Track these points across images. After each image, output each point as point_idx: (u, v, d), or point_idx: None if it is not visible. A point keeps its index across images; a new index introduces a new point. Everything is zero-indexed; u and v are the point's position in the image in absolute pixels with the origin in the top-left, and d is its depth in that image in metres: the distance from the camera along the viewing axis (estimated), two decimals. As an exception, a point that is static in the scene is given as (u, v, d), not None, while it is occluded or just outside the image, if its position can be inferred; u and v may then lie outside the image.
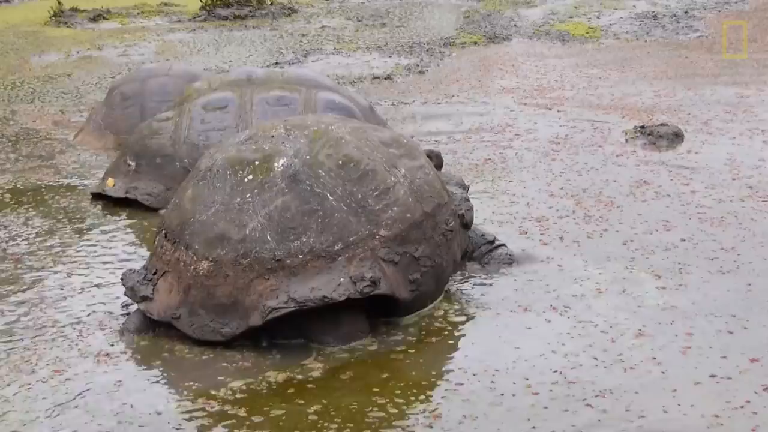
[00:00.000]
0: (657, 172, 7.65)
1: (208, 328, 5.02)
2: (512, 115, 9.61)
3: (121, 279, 5.37)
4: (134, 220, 7.02)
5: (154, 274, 5.26)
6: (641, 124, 8.79)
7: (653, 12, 15.70)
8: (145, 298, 5.21)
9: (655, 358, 4.73)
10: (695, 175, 7.54)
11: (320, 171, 5.15)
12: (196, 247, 5.09)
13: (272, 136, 5.33)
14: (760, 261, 5.85)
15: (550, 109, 9.77)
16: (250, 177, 5.13)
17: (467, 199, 5.96)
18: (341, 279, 4.96)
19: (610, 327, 5.08)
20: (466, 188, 6.13)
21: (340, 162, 5.20)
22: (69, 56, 13.41)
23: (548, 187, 7.41)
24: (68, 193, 7.57)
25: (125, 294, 5.33)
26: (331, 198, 5.09)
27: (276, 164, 5.15)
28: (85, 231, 6.80)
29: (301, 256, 4.98)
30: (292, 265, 4.96)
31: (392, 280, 5.11)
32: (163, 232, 5.33)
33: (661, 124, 8.71)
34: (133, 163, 7.38)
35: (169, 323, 5.15)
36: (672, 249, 6.07)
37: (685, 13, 15.58)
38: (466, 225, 5.88)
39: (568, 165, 7.93)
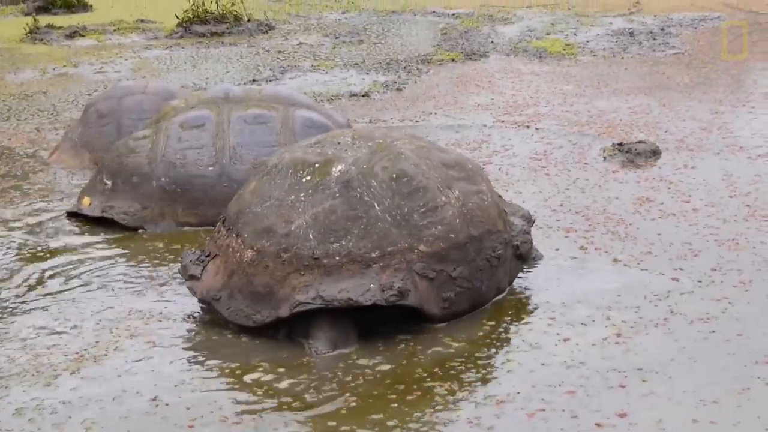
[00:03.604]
0: (654, 189, 7.67)
1: (242, 312, 5.32)
2: (489, 132, 9.63)
3: (181, 257, 5.80)
4: (110, 240, 6.97)
5: (207, 256, 5.63)
6: (619, 142, 8.81)
7: (630, 29, 15.79)
8: (192, 277, 5.60)
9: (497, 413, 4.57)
10: (678, 192, 7.57)
11: (373, 181, 5.37)
12: (245, 235, 5.39)
13: (338, 143, 5.64)
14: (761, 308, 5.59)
15: (528, 127, 9.79)
16: (308, 178, 5.40)
17: (527, 232, 6.04)
18: (371, 285, 5.16)
19: (505, 375, 4.89)
20: (531, 222, 6.24)
21: (394, 175, 5.42)
22: (45, 73, 13.36)
23: (546, 203, 7.43)
24: (44, 213, 7.51)
25: (179, 271, 5.71)
26: (377, 208, 5.31)
27: (334, 169, 5.41)
28: (60, 251, 6.74)
29: (337, 258, 5.20)
30: (328, 265, 5.20)
31: (423, 295, 5.28)
32: (223, 218, 5.67)
33: (639, 142, 8.74)
34: (109, 182, 7.33)
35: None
36: (709, 285, 5.85)
37: (662, 30, 15.68)
38: (521, 256, 5.94)
39: (556, 181, 7.96)
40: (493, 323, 5.47)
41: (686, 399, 4.60)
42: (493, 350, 5.17)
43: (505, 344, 5.24)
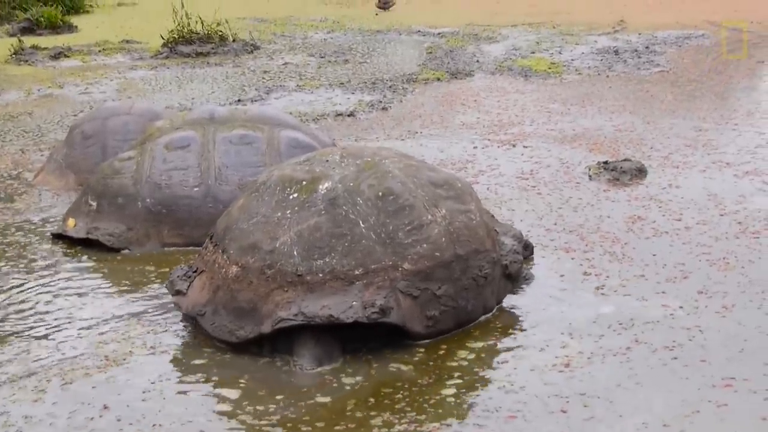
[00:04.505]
0: (645, 208, 7.66)
1: (225, 328, 5.33)
2: (475, 151, 9.63)
3: (170, 272, 5.87)
4: (95, 261, 6.94)
5: (194, 271, 5.66)
6: (604, 160, 8.83)
7: (615, 47, 15.82)
8: (178, 293, 5.64)
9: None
10: (670, 210, 7.58)
11: (359, 199, 5.39)
12: (231, 251, 5.41)
13: (326, 161, 5.67)
14: (730, 337, 5.44)
15: (514, 146, 9.79)
16: (295, 195, 5.43)
17: (517, 252, 6.05)
18: (353, 302, 5.15)
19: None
20: (521, 242, 6.29)
21: (380, 193, 5.43)
22: (30, 94, 13.31)
23: (539, 222, 7.42)
24: (29, 235, 7.48)
25: (166, 286, 5.84)
26: (362, 225, 5.32)
27: (320, 186, 5.44)
28: (45, 272, 6.71)
29: (321, 275, 5.20)
30: (311, 282, 5.19)
31: (406, 313, 5.26)
32: (211, 234, 5.71)
33: (625, 160, 8.75)
34: (94, 203, 7.31)
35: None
36: (691, 313, 5.74)
37: (646, 48, 15.72)
38: (510, 276, 5.94)
39: (546, 200, 7.96)
40: (441, 347, 5.41)
41: (624, 423, 4.58)
42: (434, 377, 5.10)
43: (445, 370, 5.17)
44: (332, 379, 5.10)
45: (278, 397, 4.92)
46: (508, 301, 5.97)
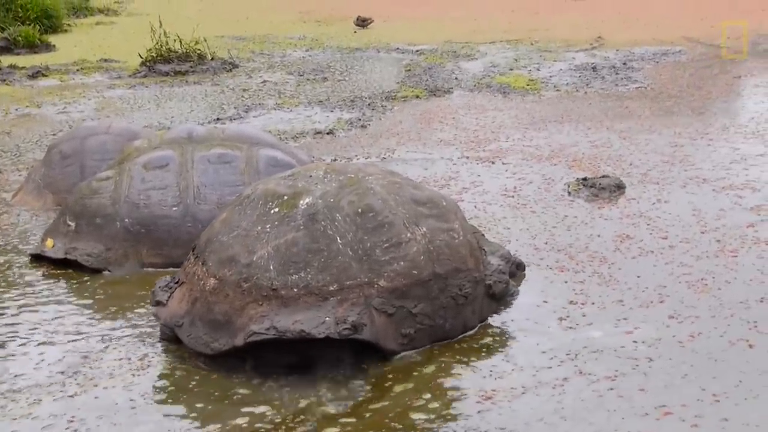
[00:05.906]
0: (635, 225, 7.66)
1: (200, 340, 5.34)
2: (456, 168, 9.64)
3: (155, 283, 5.88)
4: (73, 282, 6.90)
5: (176, 283, 5.67)
6: (583, 176, 8.85)
7: (593, 63, 15.90)
8: (158, 303, 5.66)
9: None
10: (656, 228, 7.59)
11: (338, 215, 5.40)
12: (210, 264, 5.44)
13: (310, 176, 5.70)
14: (686, 367, 5.28)
15: (494, 163, 9.80)
16: (276, 209, 5.45)
17: (503, 272, 6.01)
18: (326, 318, 5.14)
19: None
20: (509, 262, 6.25)
21: (359, 210, 5.44)
22: (7, 114, 13.26)
23: (533, 241, 7.38)
24: (6, 255, 7.44)
25: (150, 299, 5.85)
26: (339, 241, 5.32)
27: (301, 202, 5.45)
28: (23, 293, 6.67)
29: (296, 290, 5.19)
30: (285, 296, 5.19)
31: (380, 330, 5.24)
32: (194, 245, 5.73)
33: (603, 176, 8.78)
34: (72, 224, 7.28)
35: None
36: (653, 344, 5.57)
37: (624, 64, 15.80)
38: (493, 295, 5.91)
39: (533, 218, 7.96)
40: (374, 376, 5.31)
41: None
42: (359, 410, 4.97)
43: (364, 407, 5.02)
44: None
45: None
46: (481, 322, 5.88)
